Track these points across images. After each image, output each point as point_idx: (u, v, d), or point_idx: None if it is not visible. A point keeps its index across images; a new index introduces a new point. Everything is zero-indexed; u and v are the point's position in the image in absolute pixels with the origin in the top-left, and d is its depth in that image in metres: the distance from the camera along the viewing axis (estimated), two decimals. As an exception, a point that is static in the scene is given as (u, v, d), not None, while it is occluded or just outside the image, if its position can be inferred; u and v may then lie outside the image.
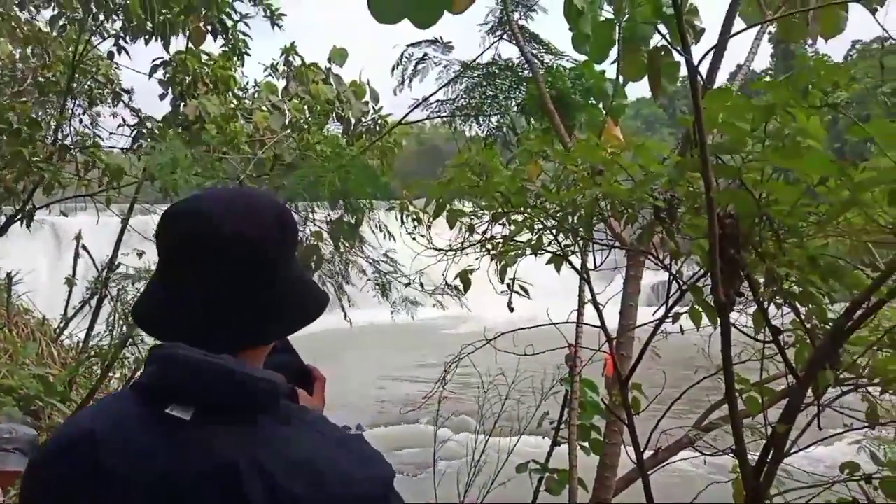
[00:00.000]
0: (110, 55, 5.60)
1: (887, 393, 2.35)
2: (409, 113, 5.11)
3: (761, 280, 1.86)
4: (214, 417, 0.98)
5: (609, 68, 4.45)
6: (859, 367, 2.10)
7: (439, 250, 2.78)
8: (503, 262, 2.41)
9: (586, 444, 4.29)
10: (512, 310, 2.52)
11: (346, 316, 5.70)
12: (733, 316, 2.10)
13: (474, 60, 4.69)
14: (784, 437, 1.68)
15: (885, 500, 2.00)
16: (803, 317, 1.83)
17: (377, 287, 5.37)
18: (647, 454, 3.61)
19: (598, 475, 3.05)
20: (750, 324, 2.08)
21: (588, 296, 2.93)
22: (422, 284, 4.89)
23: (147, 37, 5.17)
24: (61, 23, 5.25)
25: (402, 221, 5.74)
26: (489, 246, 2.56)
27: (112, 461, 0.98)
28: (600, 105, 4.77)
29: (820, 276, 1.72)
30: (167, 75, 5.87)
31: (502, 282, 2.46)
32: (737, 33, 2.31)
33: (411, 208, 5.81)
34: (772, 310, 1.87)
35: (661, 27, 3.79)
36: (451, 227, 2.48)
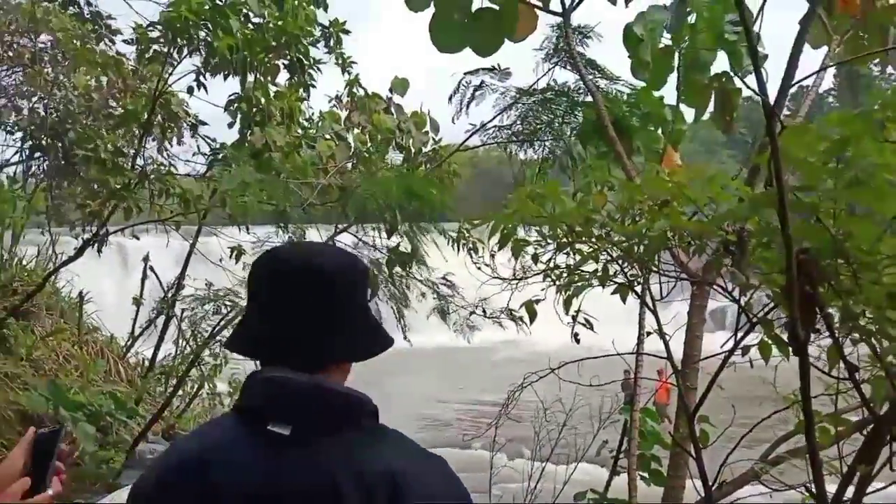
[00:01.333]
0: (189, 89, 5.88)
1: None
2: (466, 140, 5.20)
3: (836, 314, 1.84)
4: (312, 432, 1.09)
5: (667, 93, 4.47)
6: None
7: (503, 279, 2.83)
8: (568, 293, 2.44)
9: (646, 475, 4.23)
10: (578, 341, 2.54)
11: (405, 336, 5.78)
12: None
13: (531, 87, 4.76)
14: (867, 478, 1.66)
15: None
16: (880, 353, 1.81)
17: (436, 311, 5.44)
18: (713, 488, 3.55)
19: (663, 509, 3.02)
20: (819, 356, 2.06)
21: (649, 325, 2.93)
22: (484, 311, 4.94)
23: (227, 73, 5.42)
24: (146, 58, 5.53)
25: (459, 249, 5.82)
26: (553, 276, 2.59)
27: (221, 480, 1.08)
28: (658, 131, 4.78)
29: (897, 313, 1.70)
30: (237, 107, 6.12)
31: (567, 313, 2.49)
32: (808, 76, 2.29)
33: (468, 236, 5.89)
34: (851, 350, 1.86)
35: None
36: (517, 259, 2.52)
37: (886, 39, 2.91)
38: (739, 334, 2.28)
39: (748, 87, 1.70)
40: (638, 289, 2.78)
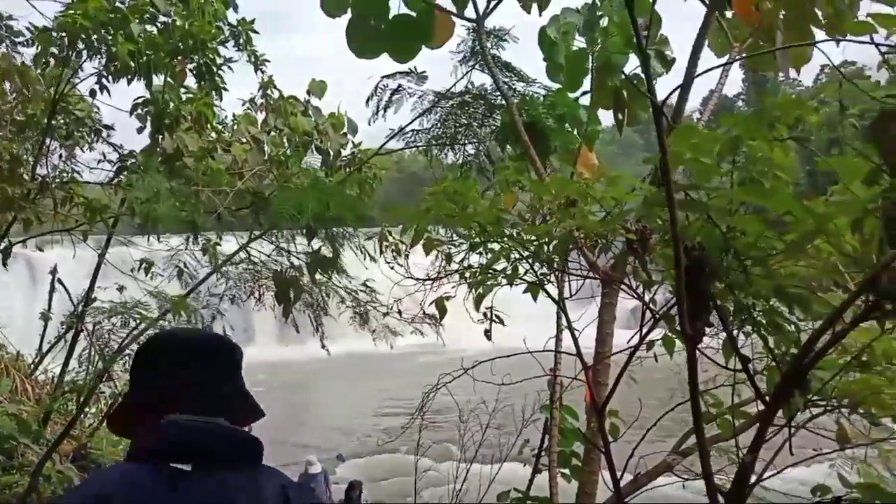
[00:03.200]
0: (92, 93, 5.62)
1: (859, 415, 2.41)
2: (384, 144, 5.17)
3: (731, 308, 1.91)
4: (211, 469, 1.26)
5: (582, 95, 4.56)
6: (829, 390, 2.16)
7: (417, 279, 2.82)
8: (479, 291, 2.45)
9: (567, 472, 4.30)
10: (490, 338, 2.55)
11: (323, 345, 5.69)
12: (707, 342, 2.16)
13: (448, 90, 4.78)
14: (752, 464, 1.72)
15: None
16: (772, 345, 1.88)
17: (356, 316, 5.37)
18: (627, 479, 3.64)
19: (576, 502, 3.07)
20: (719, 349, 2.14)
21: (565, 323, 2.97)
22: (400, 312, 4.92)
23: (130, 77, 5.20)
24: (43, 61, 5.25)
25: (382, 251, 5.77)
26: (467, 275, 2.60)
27: None
28: (574, 132, 4.87)
29: (786, 305, 1.78)
30: (146, 110, 5.88)
31: (478, 310, 2.50)
32: (703, 72, 2.39)
33: (391, 238, 5.86)
34: (746, 342, 1.93)
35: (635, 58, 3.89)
36: (427, 254, 2.52)
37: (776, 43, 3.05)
38: (644, 329, 2.34)
39: (640, 90, 1.73)
40: (553, 289, 2.83)
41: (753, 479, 2.31)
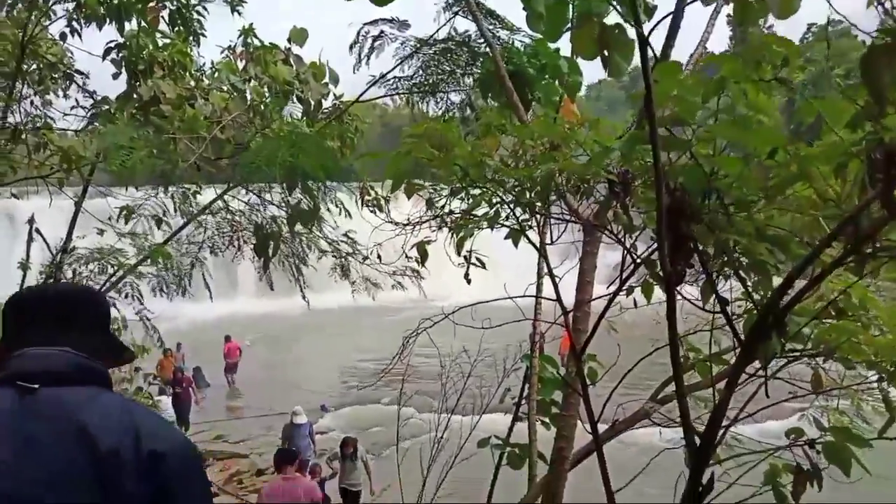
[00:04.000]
0: (62, 36, 5.42)
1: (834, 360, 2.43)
2: (366, 90, 5.06)
3: (712, 252, 1.90)
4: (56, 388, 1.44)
5: (565, 45, 4.47)
6: (805, 337, 2.17)
7: (397, 224, 2.78)
8: (460, 235, 2.42)
9: (546, 419, 4.34)
10: (469, 282, 2.54)
11: (304, 296, 5.66)
12: (689, 290, 2.15)
13: (431, 37, 4.67)
14: (725, 402, 1.73)
15: (827, 465, 2.07)
16: (751, 288, 1.88)
17: (337, 267, 5.33)
18: (606, 427, 3.69)
19: (554, 447, 3.11)
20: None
21: (546, 271, 2.96)
22: (379, 257, 4.88)
23: (100, 20, 5.01)
24: (9, 1, 5.04)
25: (364, 204, 5.71)
26: (448, 220, 2.57)
27: None
28: (556, 82, 4.79)
29: (766, 248, 1.77)
30: (121, 55, 5.69)
31: (459, 254, 2.48)
32: (690, 2, 2.33)
33: (373, 193, 5.79)
34: (726, 287, 1.92)
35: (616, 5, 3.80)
36: (409, 198, 2.48)
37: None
38: (625, 275, 2.33)
39: (624, 19, 1.68)
40: (537, 237, 2.81)
41: (728, 424, 2.34)
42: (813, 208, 2.00)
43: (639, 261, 2.25)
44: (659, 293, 2.22)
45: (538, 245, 2.76)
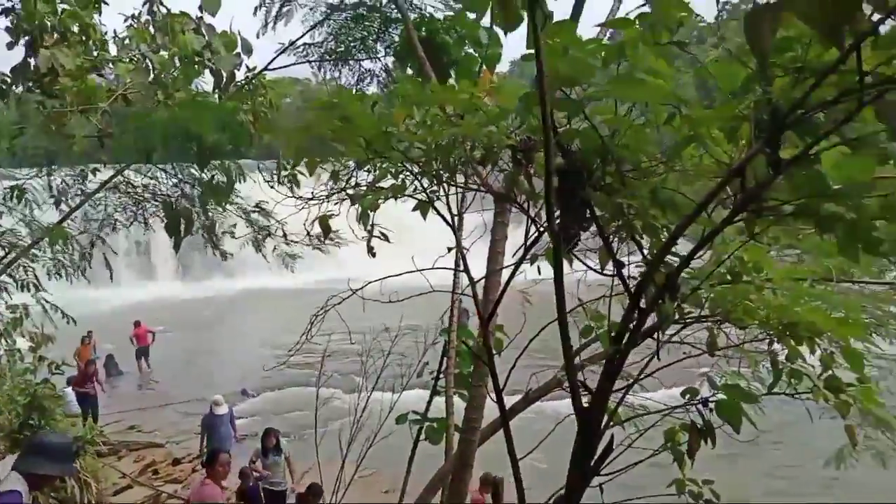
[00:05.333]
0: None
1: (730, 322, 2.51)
2: (274, 59, 4.90)
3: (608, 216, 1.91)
4: None
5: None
6: (701, 300, 2.23)
7: (300, 199, 2.70)
8: (363, 207, 2.36)
9: (464, 392, 4.36)
10: (373, 255, 2.48)
11: (217, 251, 5.45)
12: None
13: (342, 1, 4.55)
14: (615, 358, 1.75)
15: (721, 424, 2.14)
16: (646, 252, 1.90)
17: (252, 242, 5.18)
18: (518, 398, 3.73)
19: (465, 417, 3.11)
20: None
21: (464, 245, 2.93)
22: (285, 235, 4.77)
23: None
24: None
25: (279, 180, 5.56)
26: (352, 194, 2.51)
27: None
28: (476, 54, 4.75)
29: (660, 210, 1.78)
30: (13, 22, 5.30)
31: (364, 226, 2.42)
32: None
33: (289, 169, 5.63)
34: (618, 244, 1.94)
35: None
36: (311, 174, 2.40)
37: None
38: (529, 242, 2.33)
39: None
40: (440, 206, 2.77)
41: (627, 387, 2.38)
42: (712, 175, 2.04)
43: (542, 229, 2.25)
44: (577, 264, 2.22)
45: (448, 217, 2.72)
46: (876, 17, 1.41)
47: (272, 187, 3.52)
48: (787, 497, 9.99)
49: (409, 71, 4.62)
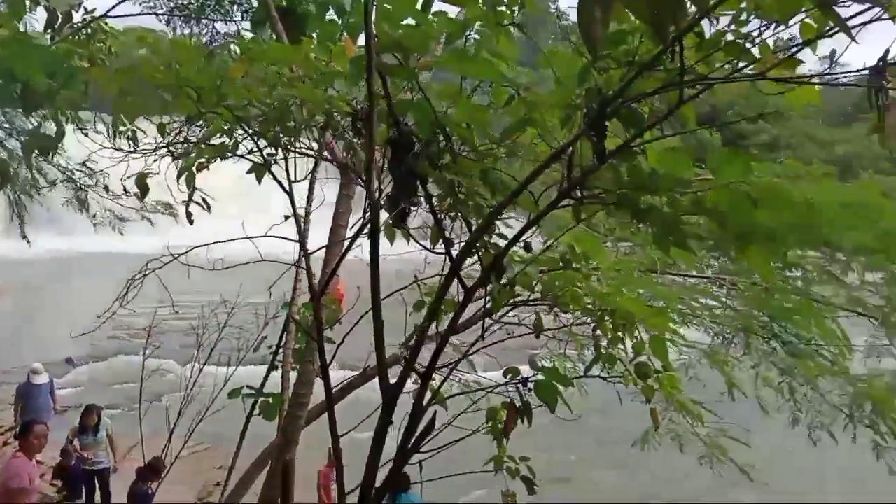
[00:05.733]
0: None
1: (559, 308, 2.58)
2: (116, 6, 4.47)
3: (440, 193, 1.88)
4: None
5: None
6: (531, 283, 2.27)
7: (120, 150, 2.47)
8: (184, 165, 2.19)
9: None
10: (192, 222, 2.32)
11: (24, 236, 4.97)
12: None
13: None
14: (420, 344, 1.75)
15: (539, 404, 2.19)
16: (474, 228, 1.89)
17: (74, 201, 4.74)
18: (357, 373, 3.67)
19: (293, 392, 3.02)
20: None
21: (300, 211, 2.81)
22: (107, 188, 4.41)
23: None
24: None
25: (116, 136, 5.12)
26: (177, 150, 2.32)
27: None
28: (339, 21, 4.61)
29: (490, 190, 1.78)
30: None
31: (189, 187, 2.24)
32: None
33: (128, 124, 5.20)
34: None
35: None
36: (130, 122, 2.19)
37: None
38: (367, 216, 2.27)
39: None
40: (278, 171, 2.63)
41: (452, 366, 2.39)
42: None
43: (381, 206, 2.19)
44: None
45: (286, 184, 2.60)
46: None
47: (104, 147, 3.20)
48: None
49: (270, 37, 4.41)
